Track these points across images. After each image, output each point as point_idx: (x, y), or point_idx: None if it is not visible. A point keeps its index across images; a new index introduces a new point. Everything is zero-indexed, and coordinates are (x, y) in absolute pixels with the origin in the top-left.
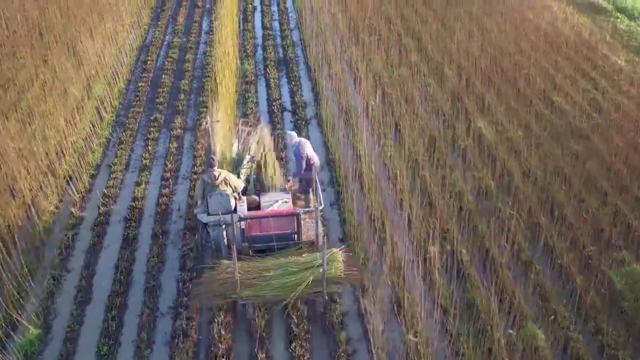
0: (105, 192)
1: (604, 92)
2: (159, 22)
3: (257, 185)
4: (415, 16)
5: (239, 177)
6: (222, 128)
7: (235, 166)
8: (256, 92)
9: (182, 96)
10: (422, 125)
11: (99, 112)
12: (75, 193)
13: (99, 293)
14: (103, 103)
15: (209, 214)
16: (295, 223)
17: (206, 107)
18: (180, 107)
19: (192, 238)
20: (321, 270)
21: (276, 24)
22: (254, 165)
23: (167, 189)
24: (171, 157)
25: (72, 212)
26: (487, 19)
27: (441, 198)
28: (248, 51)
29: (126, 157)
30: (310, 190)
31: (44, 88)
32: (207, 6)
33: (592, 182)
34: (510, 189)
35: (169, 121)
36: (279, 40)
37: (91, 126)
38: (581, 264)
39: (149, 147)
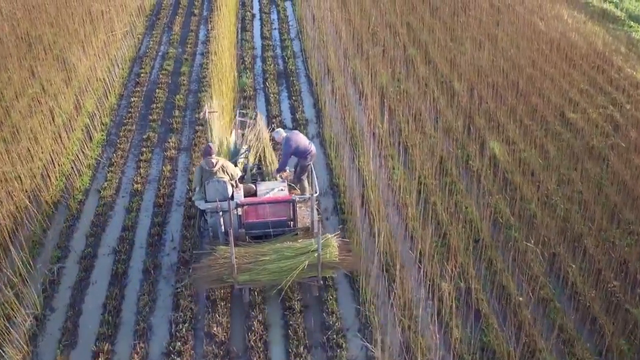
0: (94, 220)
1: (621, 108)
2: (153, 32)
3: (255, 176)
4: (422, 25)
5: (236, 166)
6: (220, 119)
7: (232, 156)
8: (255, 107)
9: (177, 112)
10: (431, 145)
11: (88, 131)
12: (62, 222)
13: (85, 336)
14: (93, 120)
15: (206, 201)
16: (291, 210)
17: (201, 125)
18: (175, 125)
19: (186, 272)
20: (316, 255)
21: (276, 34)
22: (251, 155)
23: (160, 217)
24: (164, 181)
25: (57, 243)
26: (496, 29)
27: (454, 228)
28: (247, 63)
29: (116, 181)
30: (304, 177)
31: (31, 104)
32: (205, 14)
33: (613, 209)
34: (527, 217)
35: (162, 140)
36: (279, 51)
37: (80, 146)
38: (605, 302)
39: (141, 170)
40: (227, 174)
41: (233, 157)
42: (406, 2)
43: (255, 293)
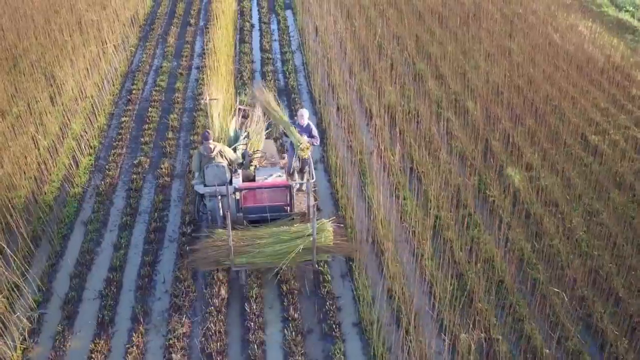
0: (79, 258)
1: None
2: (147, 43)
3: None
4: (430, 37)
5: (235, 152)
6: (221, 108)
7: (232, 143)
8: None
9: (171, 134)
10: (443, 171)
11: (75, 155)
12: (44, 260)
13: None
14: (80, 143)
15: (205, 185)
16: (288, 195)
17: (196, 148)
18: (168, 149)
19: (179, 321)
20: (311, 239)
21: (276, 46)
22: (250, 142)
23: (151, 256)
24: (156, 213)
25: (39, 285)
26: (509, 41)
27: (471, 268)
28: (245, 79)
29: (104, 213)
30: (307, 167)
31: (15, 124)
32: (201, 24)
33: None
34: (550, 255)
35: (154, 166)
36: (279, 65)
37: (66, 172)
38: (638, 354)
39: (131, 200)
40: (226, 159)
41: (232, 144)
42: (413, 12)
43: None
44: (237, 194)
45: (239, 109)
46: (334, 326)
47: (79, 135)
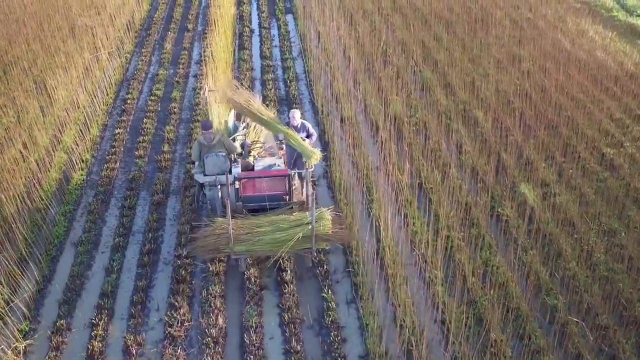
0: (68, 283)
1: None
2: (142, 50)
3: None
4: (437, 44)
5: (234, 142)
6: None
7: (231, 134)
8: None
9: (166, 147)
10: (453, 187)
11: (66, 169)
12: (31, 285)
13: None
14: (72, 156)
15: (205, 175)
16: (287, 184)
17: (193, 163)
18: (164, 163)
19: (174, 353)
20: (310, 227)
21: (276, 52)
22: (249, 132)
23: (144, 280)
24: (150, 234)
25: (25, 313)
26: (518, 47)
27: (484, 294)
28: (244, 87)
29: (95, 233)
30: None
31: (4, 136)
32: (199, 29)
33: None
34: (567, 279)
35: (149, 182)
36: (279, 72)
37: (57, 188)
38: None
39: (124, 219)
40: (225, 148)
41: (231, 134)
42: (418, 18)
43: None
44: (237, 183)
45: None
46: (339, 359)
47: (71, 148)
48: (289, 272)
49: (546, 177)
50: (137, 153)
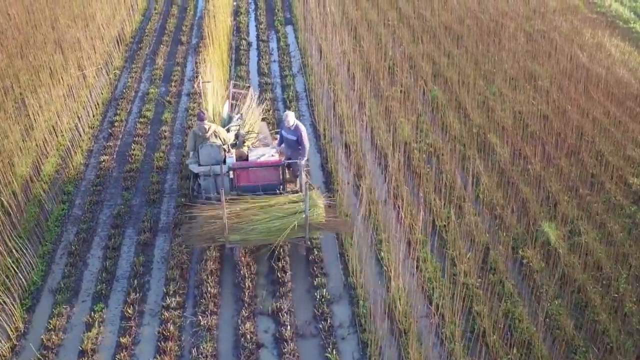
0: (44, 339)
1: None
2: (133, 65)
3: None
4: (446, 59)
5: (228, 132)
6: (215, 89)
7: (225, 124)
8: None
9: (155, 177)
10: (468, 226)
11: (45, 203)
12: (3, 342)
13: None
14: (53, 187)
15: (199, 165)
16: (281, 174)
17: (186, 195)
18: (151, 196)
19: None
20: (304, 216)
21: (275, 68)
22: (243, 123)
23: (128, 337)
24: (136, 280)
25: None
26: (532, 63)
27: (506, 355)
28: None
29: (76, 278)
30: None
31: None
32: (193, 41)
33: None
34: (597, 333)
35: (136, 218)
36: (278, 91)
37: (34, 225)
38: None
39: (107, 262)
40: (220, 139)
41: (226, 125)
42: (426, 31)
43: None
44: (231, 172)
45: (233, 91)
46: None
47: (53, 178)
48: (288, 327)
49: (569, 212)
50: (123, 184)
